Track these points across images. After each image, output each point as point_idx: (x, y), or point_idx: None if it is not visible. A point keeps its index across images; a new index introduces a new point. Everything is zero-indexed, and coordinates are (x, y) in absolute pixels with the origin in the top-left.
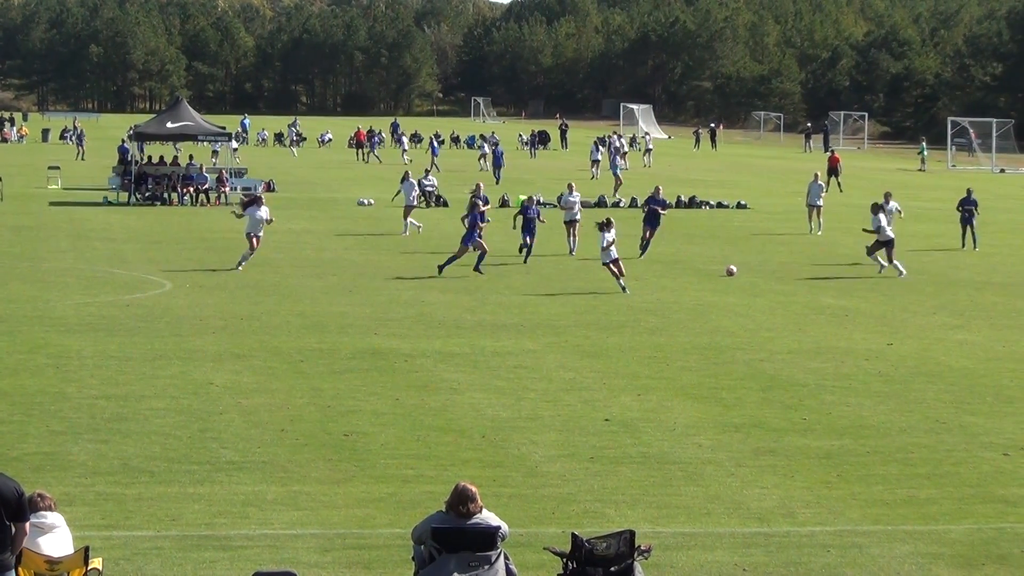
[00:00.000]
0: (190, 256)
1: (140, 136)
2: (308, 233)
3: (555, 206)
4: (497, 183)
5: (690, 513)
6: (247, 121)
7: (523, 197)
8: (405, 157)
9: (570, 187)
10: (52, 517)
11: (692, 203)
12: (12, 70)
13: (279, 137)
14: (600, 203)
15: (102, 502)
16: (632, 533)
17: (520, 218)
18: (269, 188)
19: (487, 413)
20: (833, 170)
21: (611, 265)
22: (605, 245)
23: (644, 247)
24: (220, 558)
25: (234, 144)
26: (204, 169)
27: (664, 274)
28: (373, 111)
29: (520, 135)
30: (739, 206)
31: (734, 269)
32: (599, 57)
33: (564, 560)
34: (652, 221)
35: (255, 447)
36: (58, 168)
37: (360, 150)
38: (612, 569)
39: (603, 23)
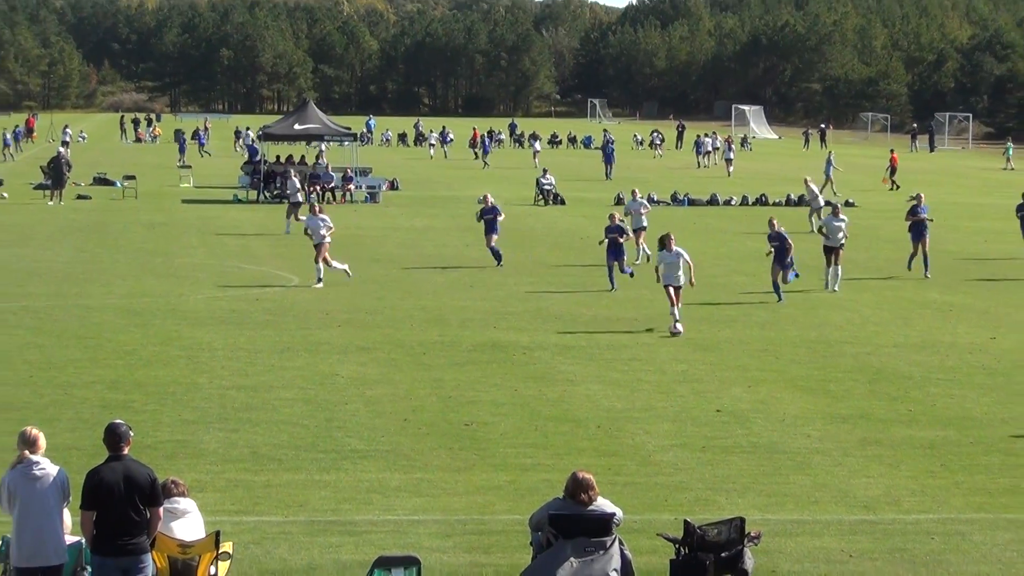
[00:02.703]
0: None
1: (268, 137)
2: (430, 230)
3: (668, 204)
4: (607, 178)
5: (798, 501)
6: (372, 122)
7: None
8: (537, 159)
9: (634, 193)
10: (184, 503)
11: (801, 201)
12: (146, 73)
13: (402, 137)
14: (712, 201)
15: (232, 488)
16: (742, 520)
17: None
18: (393, 187)
19: (602, 404)
20: (893, 169)
21: (670, 290)
22: (662, 266)
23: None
24: (345, 542)
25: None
26: (330, 168)
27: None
28: (493, 112)
29: (635, 135)
30: (847, 204)
31: (679, 328)
32: (711, 60)
33: (677, 546)
34: (780, 257)
35: (379, 436)
36: (190, 167)
37: (474, 149)
38: (723, 555)
39: (715, 27)
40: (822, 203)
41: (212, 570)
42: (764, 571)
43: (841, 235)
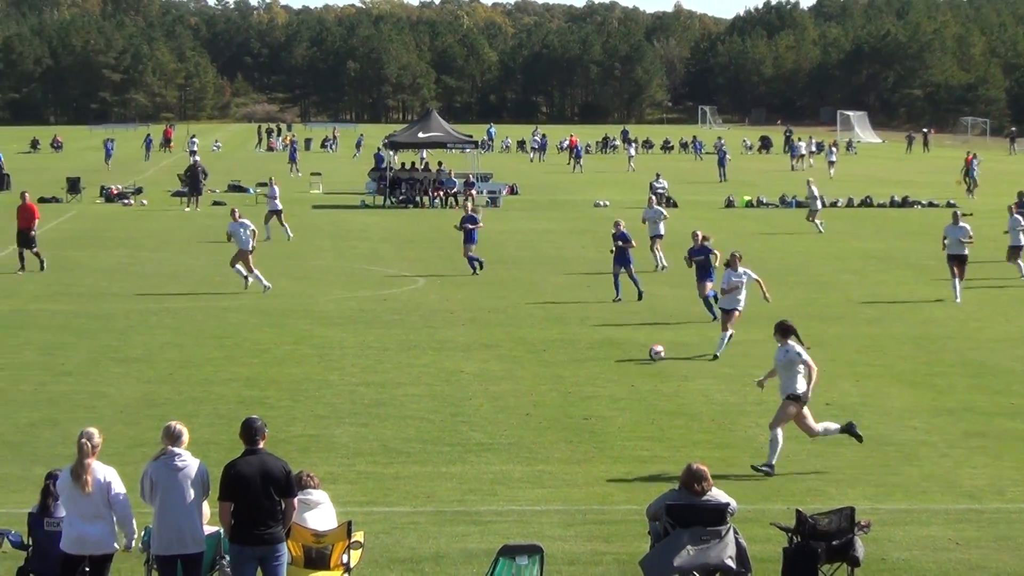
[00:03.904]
0: (440, 254)
1: (394, 145)
2: (548, 232)
3: (776, 206)
4: (722, 180)
5: (906, 491)
6: (493, 130)
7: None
8: (632, 164)
9: (650, 201)
10: (317, 494)
11: (905, 203)
12: (277, 85)
13: (521, 144)
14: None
15: (363, 480)
16: (852, 509)
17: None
18: (513, 191)
19: (716, 398)
20: (969, 169)
21: (733, 314)
22: (727, 287)
23: None
24: (471, 532)
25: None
26: (453, 174)
27: (880, 269)
28: (608, 120)
29: (744, 140)
30: (948, 205)
31: (660, 350)
32: (816, 67)
33: (789, 535)
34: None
35: (502, 430)
36: (320, 174)
37: (571, 156)
38: (834, 543)
39: (820, 36)
40: (819, 206)
41: (344, 558)
42: (874, 559)
43: (962, 243)
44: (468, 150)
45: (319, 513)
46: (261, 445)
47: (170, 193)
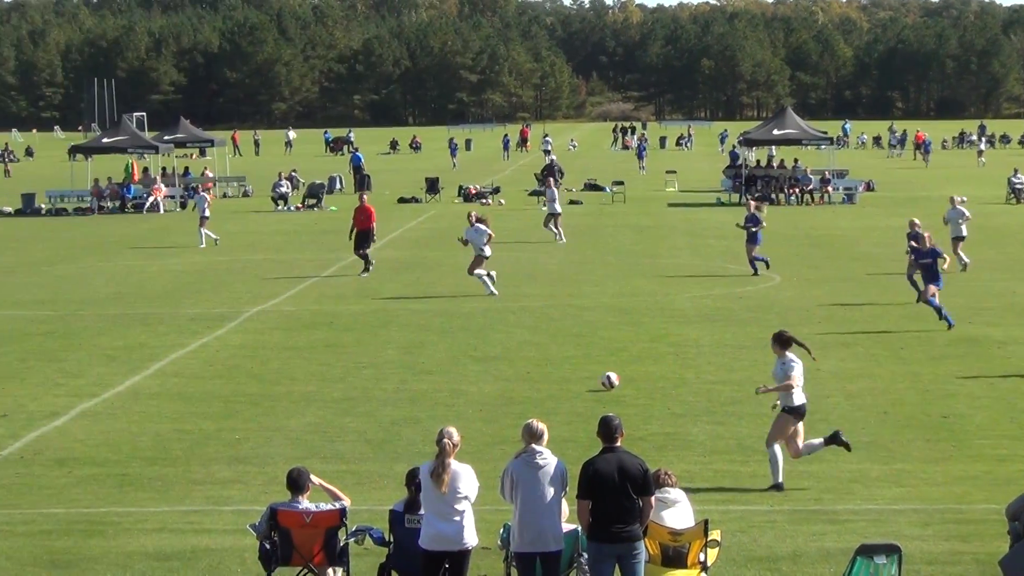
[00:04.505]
0: (797, 252)
1: (749, 142)
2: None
3: None
4: None
5: None
6: (848, 126)
7: None
8: (982, 159)
9: (952, 200)
10: (675, 492)
11: None
12: (631, 84)
13: (877, 140)
14: None
15: (719, 479)
16: None
17: None
18: (869, 188)
19: None
20: None
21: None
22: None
23: None
24: (828, 531)
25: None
26: (809, 171)
27: None
28: (964, 115)
29: None
30: None
31: (614, 379)
32: None
33: None
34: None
35: (859, 428)
36: (675, 172)
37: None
38: None
39: None
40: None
41: (701, 557)
42: None
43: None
44: (823, 147)
45: (676, 511)
46: (619, 443)
47: (527, 192)
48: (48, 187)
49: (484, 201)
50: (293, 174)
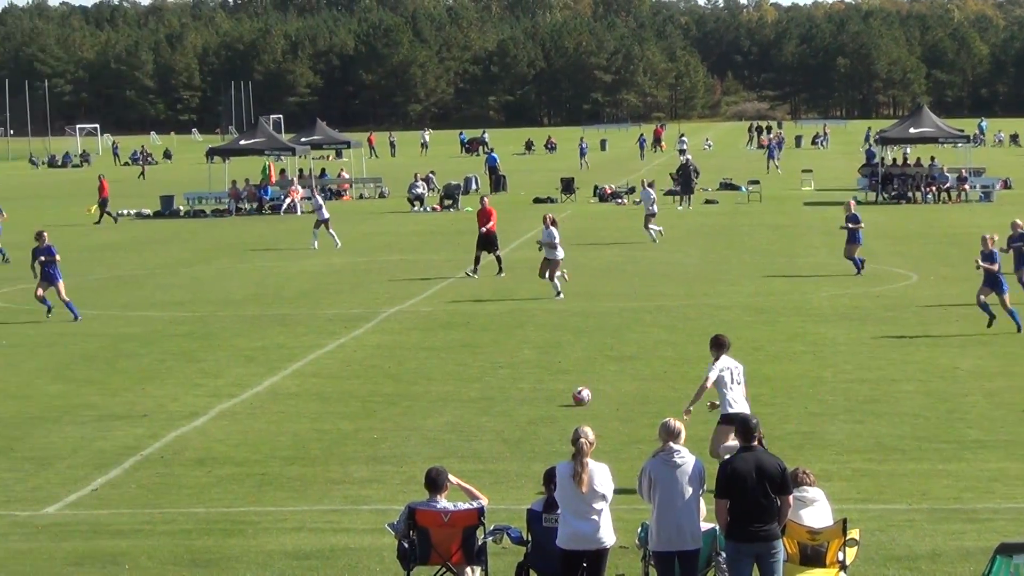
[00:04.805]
0: (934, 250)
1: (885, 140)
2: None
3: None
4: None
5: None
6: (984, 124)
7: None
8: None
9: None
10: (813, 491)
11: None
12: (766, 83)
13: (1014, 138)
14: None
15: (858, 478)
16: None
17: None
18: (1006, 186)
19: None
20: None
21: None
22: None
23: None
24: (967, 530)
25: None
26: (946, 169)
27: None
28: None
29: None
30: None
31: (584, 396)
32: None
33: None
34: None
35: (999, 427)
36: (811, 171)
37: None
38: None
39: None
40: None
41: (840, 556)
42: None
43: None
44: (960, 145)
45: (815, 510)
46: (756, 443)
47: (663, 192)
48: (186, 189)
49: (619, 201)
50: (430, 175)
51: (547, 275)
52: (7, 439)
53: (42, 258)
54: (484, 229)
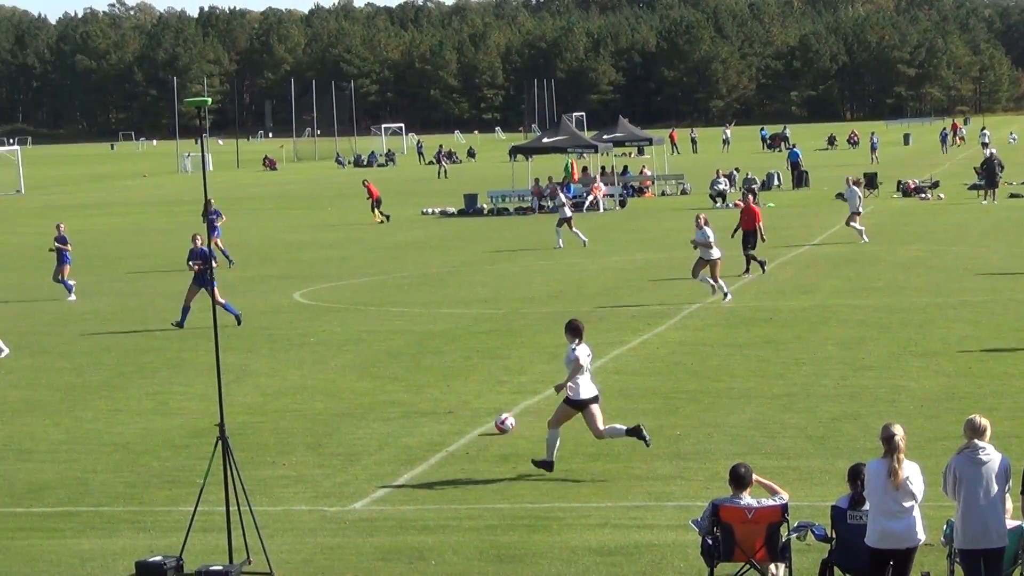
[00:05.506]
0: None
1: None
2: None
3: None
4: None
5: None
6: None
7: None
8: None
9: None
10: None
11: None
12: None
13: None
14: None
15: None
16: None
17: None
18: None
19: None
20: None
21: None
22: None
23: None
24: None
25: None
26: None
27: None
28: None
29: None
30: None
31: (508, 424)
32: None
33: None
34: None
35: None
36: None
37: None
38: None
39: None
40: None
41: None
42: None
43: None
44: None
45: None
46: None
47: (966, 186)
48: (489, 187)
49: (923, 196)
50: (734, 172)
51: (698, 275)
52: (316, 435)
53: (199, 262)
54: (746, 228)
